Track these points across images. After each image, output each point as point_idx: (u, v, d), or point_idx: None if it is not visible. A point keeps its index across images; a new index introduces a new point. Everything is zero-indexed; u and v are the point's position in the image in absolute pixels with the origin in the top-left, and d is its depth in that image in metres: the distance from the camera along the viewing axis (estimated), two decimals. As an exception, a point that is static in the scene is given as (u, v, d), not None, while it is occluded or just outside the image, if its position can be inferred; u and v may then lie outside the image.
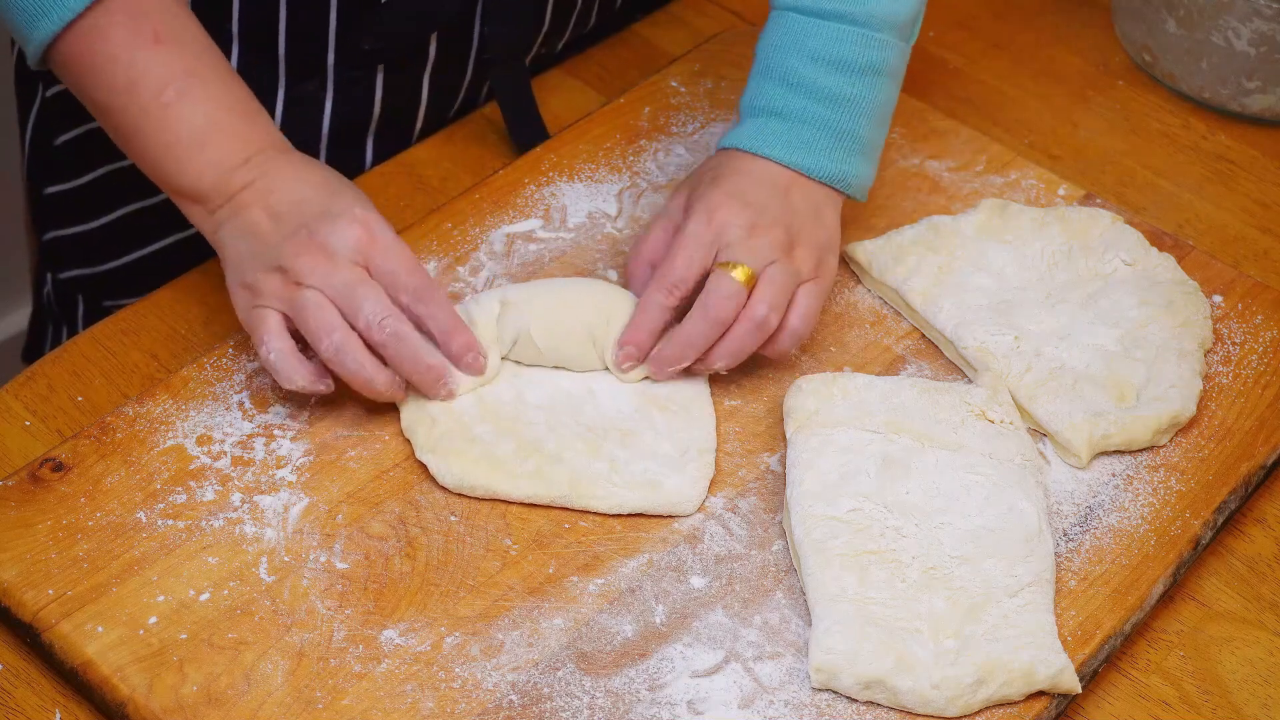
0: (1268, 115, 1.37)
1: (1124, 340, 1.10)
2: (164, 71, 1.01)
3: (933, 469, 1.01)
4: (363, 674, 0.92)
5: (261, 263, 1.01)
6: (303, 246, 1.00)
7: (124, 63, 1.00)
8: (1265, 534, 1.07)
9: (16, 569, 0.95)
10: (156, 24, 1.01)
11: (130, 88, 1.00)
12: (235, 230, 1.02)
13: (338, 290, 1.00)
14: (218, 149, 1.01)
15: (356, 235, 1.00)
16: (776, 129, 1.11)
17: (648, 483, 1.01)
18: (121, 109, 1.01)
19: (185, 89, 1.01)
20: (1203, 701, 0.97)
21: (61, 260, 1.31)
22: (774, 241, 1.06)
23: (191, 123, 1.01)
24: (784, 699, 0.93)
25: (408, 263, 1.01)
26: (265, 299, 1.01)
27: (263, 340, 1.00)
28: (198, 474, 1.01)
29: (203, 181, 1.01)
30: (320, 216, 1.01)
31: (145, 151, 1.03)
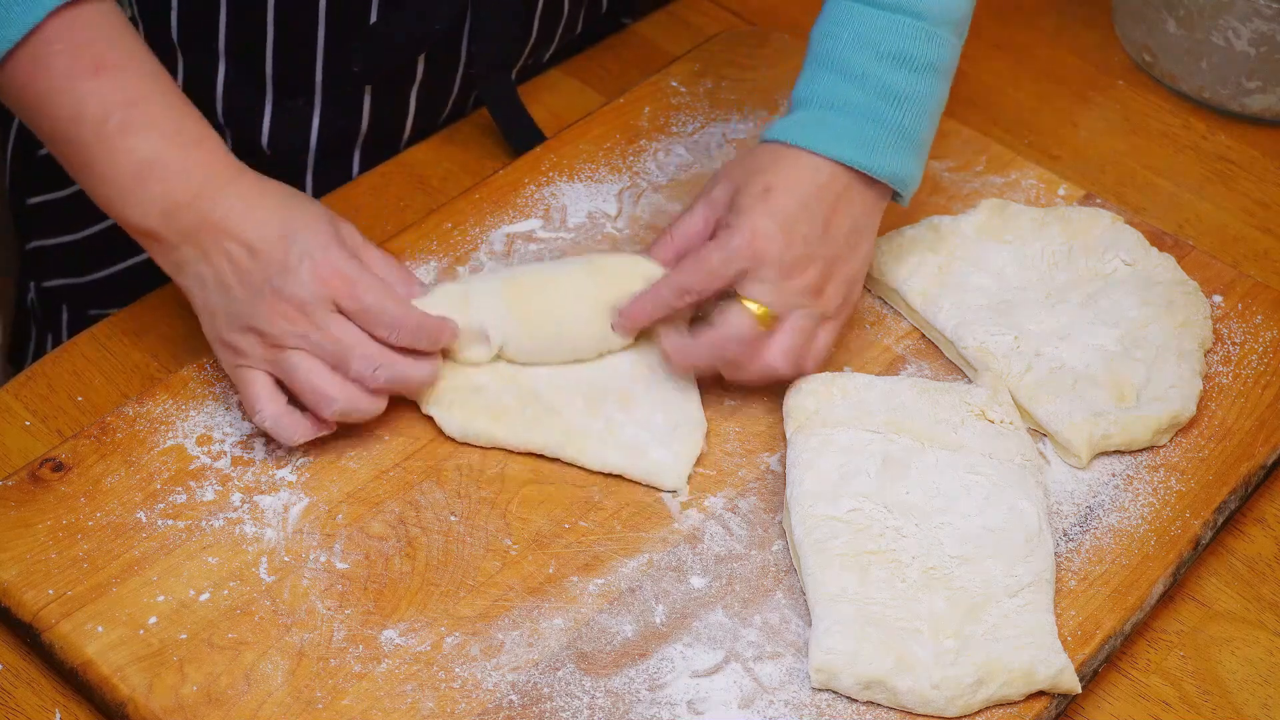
0: (1268, 115, 1.37)
1: (1124, 340, 1.10)
2: (105, 102, 0.97)
3: (933, 469, 1.01)
4: (363, 674, 0.92)
5: (235, 322, 0.99)
6: (273, 307, 0.98)
7: (65, 94, 0.97)
8: (1265, 534, 1.07)
9: (16, 569, 0.95)
10: (98, 52, 0.97)
11: (73, 120, 0.97)
12: (197, 278, 1.00)
13: (322, 348, 0.99)
14: (162, 184, 0.98)
15: (322, 281, 0.98)
16: (838, 124, 1.06)
17: (635, 448, 1.03)
18: (66, 140, 0.98)
19: (127, 121, 0.97)
20: (1203, 701, 0.97)
21: (45, 270, 1.30)
22: (807, 285, 1.04)
23: (134, 156, 0.98)
24: (784, 699, 0.93)
25: (376, 294, 1.00)
26: (248, 360, 1.00)
27: (255, 408, 1.00)
28: (198, 474, 1.01)
29: (149, 219, 0.99)
30: (282, 271, 0.98)
31: (92, 184, 1.00)
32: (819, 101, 1.07)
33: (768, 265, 1.03)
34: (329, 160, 1.25)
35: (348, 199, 1.23)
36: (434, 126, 1.30)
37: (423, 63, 1.22)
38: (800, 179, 1.05)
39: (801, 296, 1.04)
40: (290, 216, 1.00)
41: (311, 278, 0.98)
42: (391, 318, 1.00)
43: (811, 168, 1.05)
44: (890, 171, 1.07)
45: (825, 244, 1.04)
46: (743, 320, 1.03)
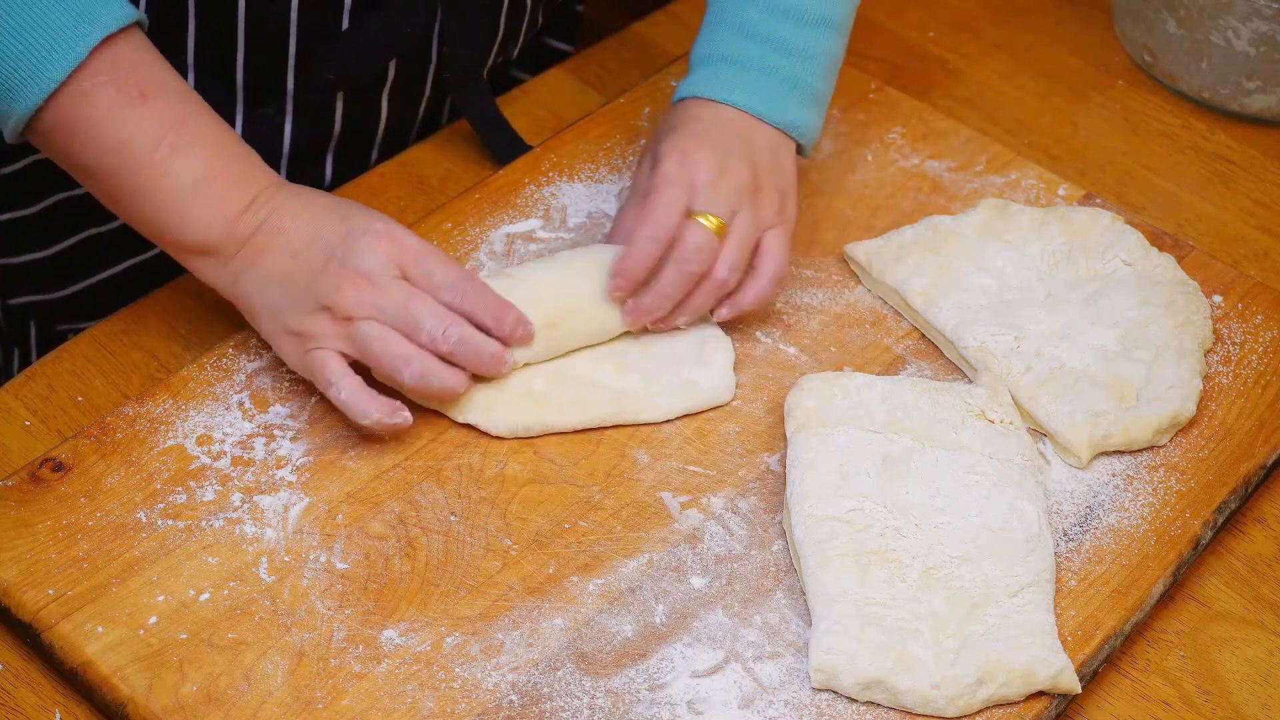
0: (1268, 115, 1.37)
1: (1124, 340, 1.10)
2: (155, 127, 0.99)
3: (933, 469, 1.01)
4: (363, 674, 0.92)
5: (301, 306, 1.00)
6: (339, 279, 0.99)
7: (112, 123, 0.98)
8: (1265, 534, 1.07)
9: (16, 569, 0.95)
10: (140, 80, 0.99)
11: (121, 148, 0.99)
12: (257, 279, 1.01)
13: (391, 314, 1.00)
14: (219, 197, 1.00)
15: (385, 249, 1.00)
16: (734, 76, 1.12)
17: (684, 384, 1.07)
18: (113, 171, 0.99)
19: (177, 142, 0.99)
20: (1203, 701, 0.97)
21: (12, 286, 1.29)
22: (741, 184, 1.09)
23: (189, 175, 1.00)
24: (784, 699, 0.93)
25: (441, 261, 1.02)
26: (319, 340, 1.00)
27: (330, 382, 1.00)
28: (198, 474, 1.01)
29: (211, 233, 1.00)
30: (343, 242, 1.00)
31: (143, 210, 1.01)
32: (716, 58, 1.14)
33: (703, 168, 1.08)
34: (301, 165, 1.24)
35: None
36: (408, 128, 1.29)
37: (394, 66, 1.22)
38: (706, 116, 1.11)
39: (739, 196, 1.08)
40: (342, 205, 1.03)
41: (373, 247, 1.00)
42: (456, 281, 1.02)
43: (716, 110, 1.12)
44: (788, 120, 1.13)
45: (749, 151, 1.10)
46: (695, 230, 1.07)
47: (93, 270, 1.27)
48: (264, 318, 1.02)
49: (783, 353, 1.12)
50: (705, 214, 1.07)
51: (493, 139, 1.26)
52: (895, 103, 1.31)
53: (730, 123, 1.11)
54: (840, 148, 1.27)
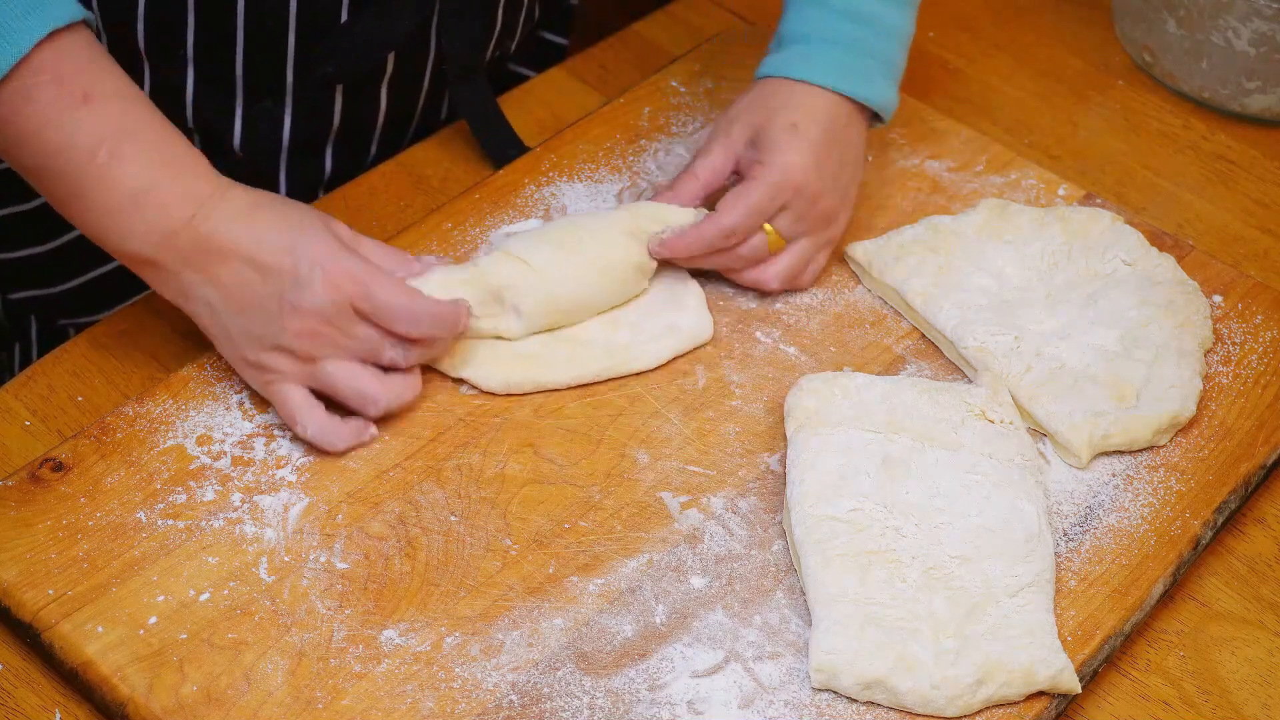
0: (1268, 115, 1.37)
1: (1124, 340, 1.10)
2: (96, 130, 0.96)
3: (933, 469, 1.01)
4: (363, 674, 0.92)
5: (258, 342, 1.00)
6: (295, 323, 0.98)
7: (53, 125, 0.95)
8: (1265, 534, 1.07)
9: (16, 569, 0.95)
10: (84, 81, 0.96)
11: (61, 151, 0.96)
12: (204, 302, 1.00)
13: (354, 349, 1.01)
14: (158, 209, 0.98)
15: (335, 288, 0.99)
16: (835, 58, 1.14)
17: (666, 329, 1.10)
18: (56, 173, 0.97)
19: (118, 148, 0.97)
20: (1203, 701, 0.97)
21: (13, 281, 1.29)
22: (823, 213, 1.13)
23: (129, 183, 0.97)
24: (784, 699, 0.93)
25: (388, 288, 1.00)
26: (280, 376, 1.01)
27: (296, 420, 1.01)
28: (198, 474, 1.01)
29: (147, 247, 0.98)
30: (295, 284, 0.98)
31: (85, 216, 0.99)
32: (812, 36, 1.15)
33: (801, 197, 1.11)
34: (301, 159, 1.24)
35: (348, 199, 1.23)
36: (406, 121, 1.29)
37: (392, 59, 1.22)
38: (818, 113, 1.12)
39: (817, 224, 1.13)
40: (288, 227, 1.00)
41: (326, 287, 0.98)
42: (409, 311, 1.01)
43: (821, 99, 1.13)
44: (881, 100, 1.16)
45: (841, 173, 1.14)
46: (757, 239, 1.11)
47: (93, 264, 1.27)
48: (218, 339, 1.02)
49: (783, 353, 1.12)
50: (775, 228, 1.11)
51: (490, 138, 1.26)
52: (895, 103, 1.31)
53: (831, 120, 1.13)
54: (840, 148, 1.27)
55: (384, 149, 1.29)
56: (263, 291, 0.99)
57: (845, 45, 1.15)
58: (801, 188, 1.10)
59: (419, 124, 1.31)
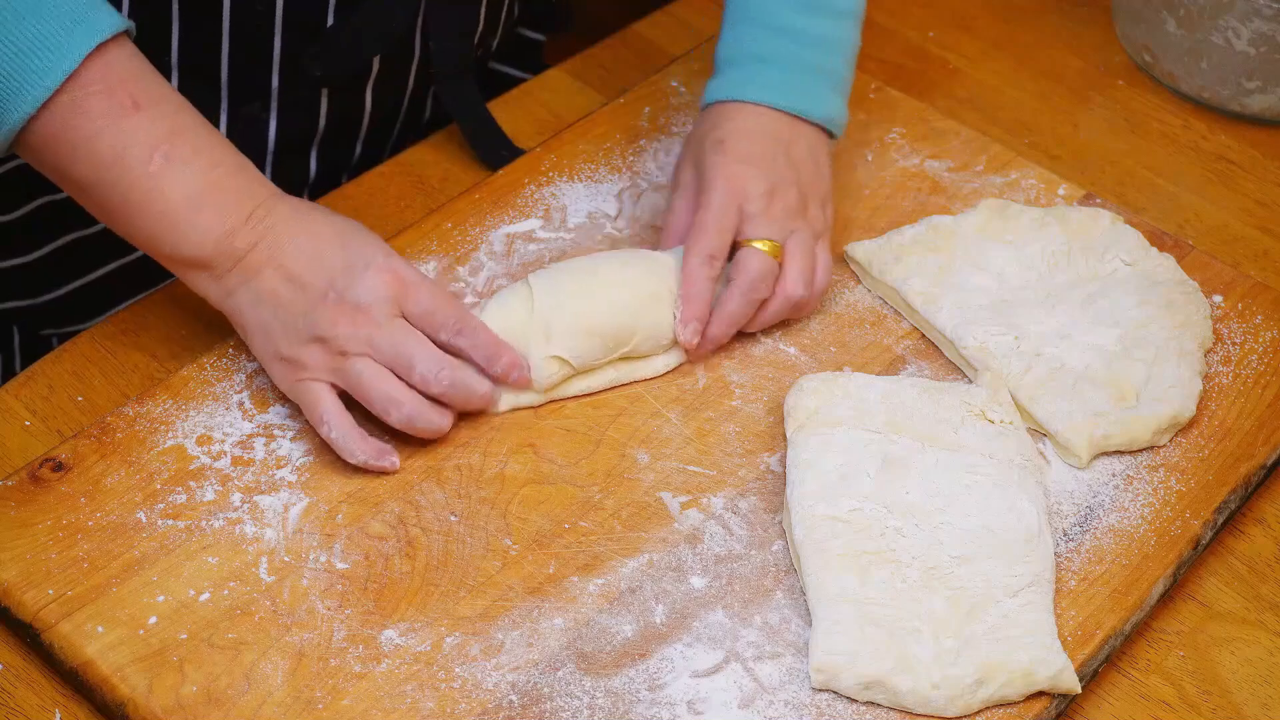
0: (1268, 115, 1.37)
1: (1124, 340, 1.10)
2: (148, 137, 0.98)
3: (933, 469, 1.01)
4: (363, 674, 0.92)
5: (295, 334, 1.00)
6: (337, 312, 0.99)
7: (106, 135, 0.97)
8: (1265, 534, 1.07)
9: (16, 569, 0.95)
10: (133, 90, 0.98)
11: (116, 160, 0.97)
12: (251, 297, 1.01)
13: (386, 352, 1.00)
14: (216, 210, 0.99)
15: (385, 285, 1.00)
16: (770, 76, 1.14)
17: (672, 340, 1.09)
18: (110, 183, 0.98)
19: (172, 153, 0.98)
20: (1203, 701, 0.97)
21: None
22: (790, 207, 1.11)
23: (185, 187, 0.98)
24: (784, 699, 0.93)
25: (439, 298, 1.02)
26: (311, 371, 1.00)
27: (322, 420, 1.00)
28: (198, 474, 1.01)
29: (205, 246, 0.99)
30: (345, 273, 1.00)
31: (139, 222, 1.00)
32: (748, 57, 1.15)
33: (751, 199, 1.10)
34: (286, 161, 1.24)
35: (348, 199, 1.23)
36: (391, 123, 1.29)
37: (378, 60, 1.21)
38: (748, 126, 1.13)
39: (791, 219, 1.11)
40: (343, 229, 1.02)
41: (374, 281, 1.00)
42: (454, 319, 1.01)
43: (755, 115, 1.13)
44: (824, 114, 1.15)
45: (791, 168, 1.12)
46: (755, 257, 1.09)
47: (77, 274, 1.26)
48: (256, 337, 1.02)
49: (783, 353, 1.12)
50: (761, 239, 1.10)
51: (480, 139, 1.26)
52: (895, 103, 1.31)
53: (772, 133, 1.13)
54: (840, 148, 1.27)
55: (369, 150, 1.29)
56: (312, 282, 0.99)
57: (780, 62, 1.14)
58: (745, 190, 1.09)
59: (403, 125, 1.30)
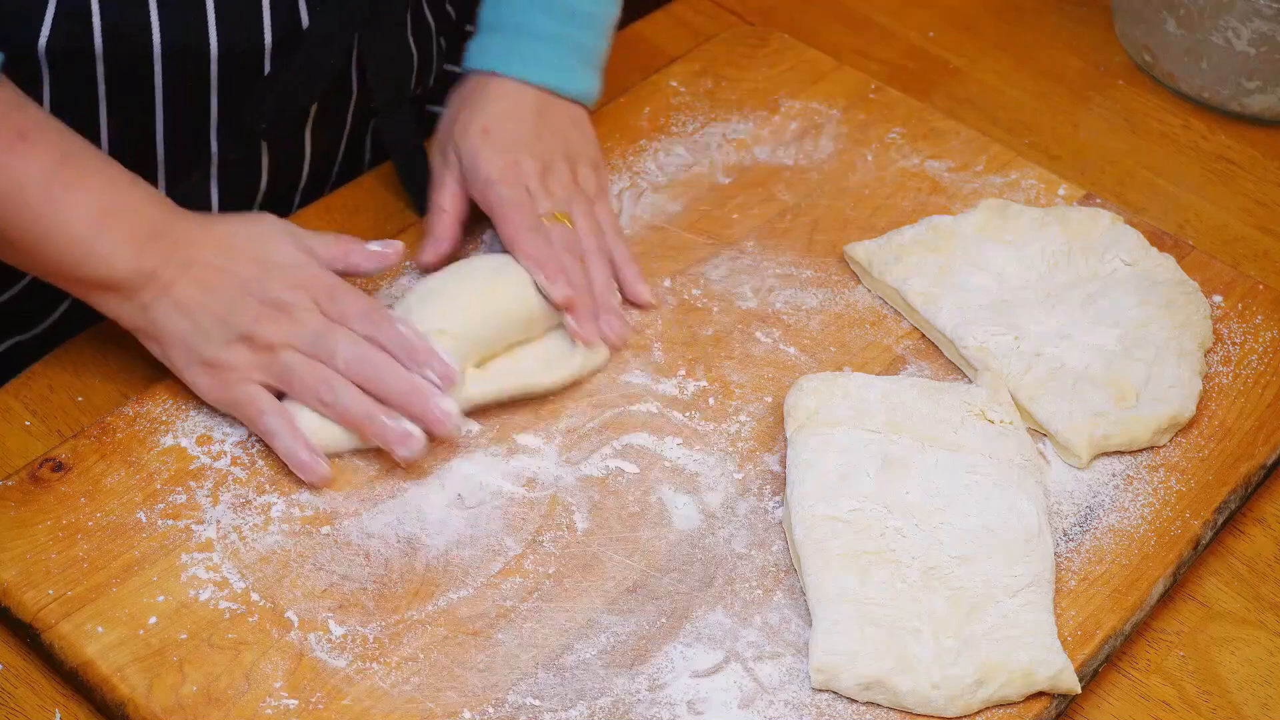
0: (1268, 115, 1.37)
1: (1124, 340, 1.10)
2: (41, 167, 0.97)
3: (933, 469, 1.01)
4: (363, 674, 0.92)
5: (217, 336, 1.00)
6: (258, 311, 1.00)
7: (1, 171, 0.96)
8: (1265, 534, 1.07)
9: (16, 569, 0.95)
10: (16, 123, 0.97)
11: (11, 193, 0.96)
12: (167, 310, 1.00)
13: (310, 342, 1.00)
14: (121, 231, 0.99)
15: (300, 281, 1.01)
16: (534, 50, 1.16)
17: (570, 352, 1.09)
18: (12, 220, 0.97)
19: (69, 179, 0.97)
20: (1203, 701, 0.97)
21: None
22: (561, 178, 1.14)
23: (87, 210, 0.98)
24: (784, 699, 0.93)
25: (353, 295, 1.02)
26: (240, 372, 1.00)
27: (262, 412, 1.00)
28: (198, 474, 1.01)
29: (115, 268, 0.99)
30: (263, 274, 1.00)
31: (43, 252, 0.99)
32: (511, 27, 1.18)
33: (530, 179, 1.12)
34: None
35: (347, 199, 1.23)
36: (329, 167, 1.25)
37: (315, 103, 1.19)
38: (508, 107, 1.15)
39: (564, 188, 1.14)
40: (256, 233, 1.03)
41: (289, 280, 1.01)
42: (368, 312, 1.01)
43: (516, 93, 1.16)
44: (581, 90, 1.18)
45: (555, 140, 1.15)
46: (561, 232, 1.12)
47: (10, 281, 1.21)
48: (174, 349, 1.01)
49: (783, 353, 1.12)
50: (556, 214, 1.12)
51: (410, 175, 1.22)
52: (895, 103, 1.31)
53: (532, 108, 1.16)
54: (840, 148, 1.27)
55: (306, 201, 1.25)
56: (227, 285, 1.00)
57: (544, 38, 1.16)
58: (523, 171, 1.12)
59: (340, 170, 1.27)
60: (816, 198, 1.23)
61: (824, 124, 1.29)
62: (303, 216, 1.20)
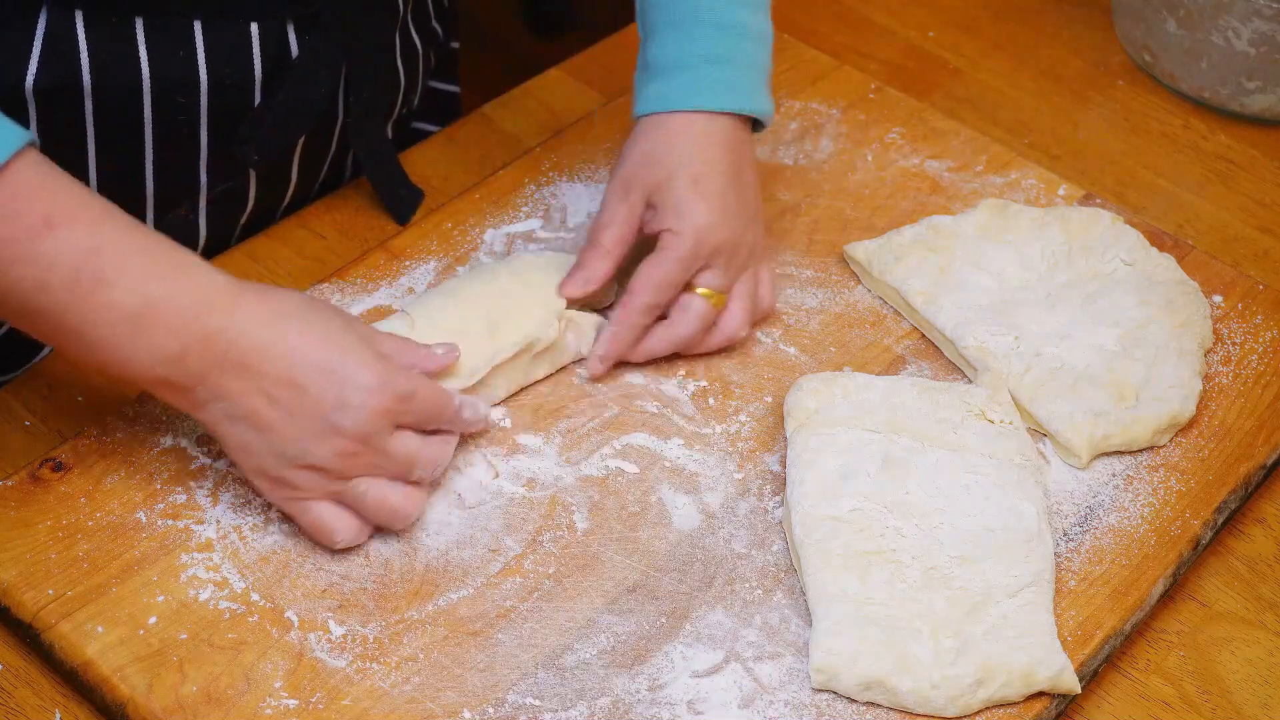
0: (1268, 115, 1.37)
1: (1124, 340, 1.10)
2: (70, 258, 0.87)
3: (933, 469, 1.01)
4: (362, 674, 0.92)
5: (286, 460, 0.93)
6: (334, 445, 0.93)
7: (22, 262, 0.86)
8: (1265, 534, 1.07)
9: (16, 569, 0.95)
10: (44, 207, 0.87)
11: (40, 289, 0.87)
12: (225, 416, 0.92)
13: (390, 469, 0.96)
14: (162, 330, 0.89)
15: (381, 411, 0.93)
16: (720, 76, 1.09)
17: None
18: (40, 312, 0.88)
19: (99, 272, 0.87)
20: (1203, 701, 0.97)
21: None
22: (745, 254, 1.10)
23: (122, 305, 0.88)
24: (784, 699, 0.93)
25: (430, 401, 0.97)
26: (306, 493, 0.95)
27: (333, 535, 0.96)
28: (198, 474, 1.01)
29: (156, 369, 0.90)
30: (339, 401, 0.92)
31: (84, 349, 0.90)
32: (693, 59, 1.09)
33: (720, 254, 1.08)
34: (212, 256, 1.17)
35: (348, 200, 1.23)
36: (309, 192, 1.23)
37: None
38: (715, 153, 1.08)
39: (743, 266, 1.10)
40: (324, 343, 0.93)
41: (372, 409, 0.93)
42: (446, 415, 0.98)
43: (717, 131, 1.09)
44: (764, 109, 1.12)
45: (746, 208, 1.10)
46: (701, 308, 1.08)
47: None
48: (237, 454, 0.94)
49: (783, 353, 1.12)
50: (708, 288, 1.08)
51: (383, 181, 1.21)
52: (895, 103, 1.31)
53: (731, 151, 1.09)
54: (840, 148, 1.27)
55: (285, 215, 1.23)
56: (299, 411, 0.92)
57: (722, 61, 1.09)
58: (719, 246, 1.07)
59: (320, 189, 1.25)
60: (816, 198, 1.23)
61: (824, 124, 1.29)
62: (281, 229, 1.20)
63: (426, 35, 1.26)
